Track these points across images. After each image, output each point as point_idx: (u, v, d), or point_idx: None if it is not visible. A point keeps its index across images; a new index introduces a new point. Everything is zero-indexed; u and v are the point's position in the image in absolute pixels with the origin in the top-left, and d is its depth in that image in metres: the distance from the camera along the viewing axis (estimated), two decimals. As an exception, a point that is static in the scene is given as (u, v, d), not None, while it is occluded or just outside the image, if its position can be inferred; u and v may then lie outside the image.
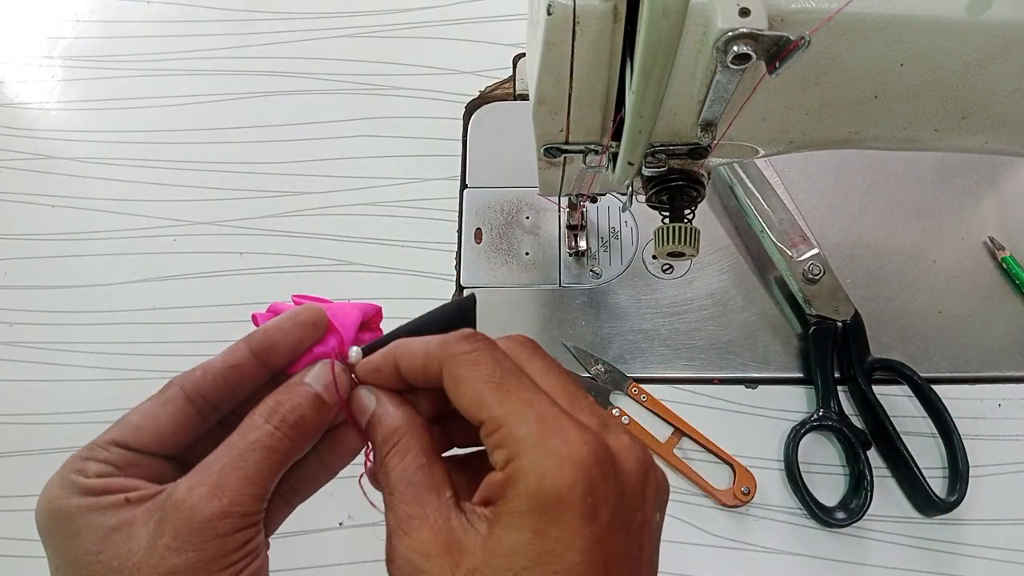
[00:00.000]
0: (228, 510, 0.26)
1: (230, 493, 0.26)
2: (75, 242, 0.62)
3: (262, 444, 0.27)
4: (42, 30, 0.71)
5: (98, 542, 0.26)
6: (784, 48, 0.30)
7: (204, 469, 0.27)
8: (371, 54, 0.68)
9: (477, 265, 0.59)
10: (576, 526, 0.24)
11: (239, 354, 0.29)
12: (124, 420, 0.29)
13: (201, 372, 0.29)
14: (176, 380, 0.29)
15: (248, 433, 0.28)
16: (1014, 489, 0.51)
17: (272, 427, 0.28)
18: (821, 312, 0.55)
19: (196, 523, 0.26)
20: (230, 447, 0.27)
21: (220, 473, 0.27)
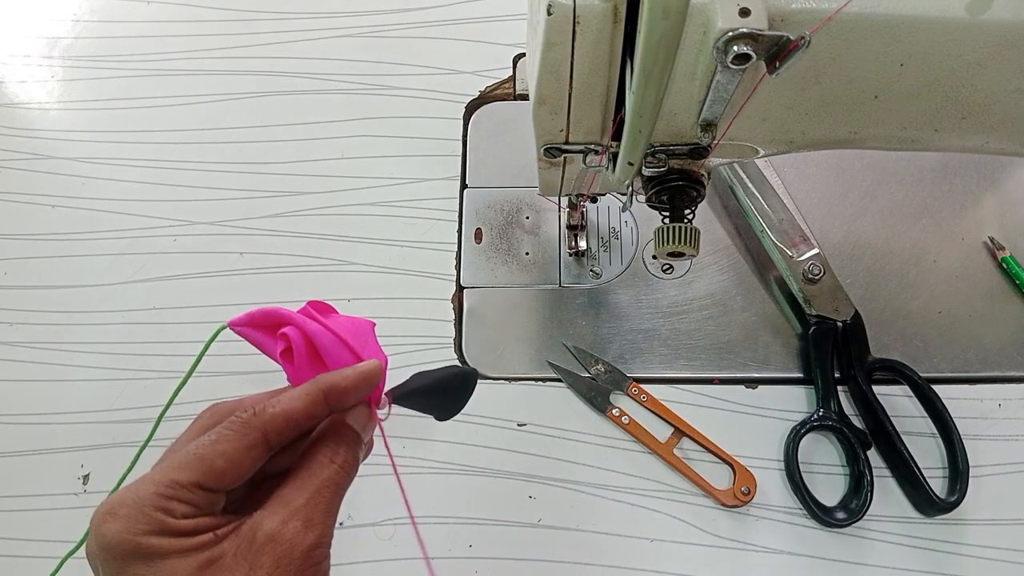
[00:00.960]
0: (320, 540, 0.30)
1: (319, 526, 0.30)
2: (75, 242, 0.62)
3: (332, 481, 0.31)
4: (42, 30, 0.71)
5: (193, 574, 0.28)
6: (784, 48, 0.30)
7: (288, 504, 0.30)
8: (371, 54, 0.68)
9: (477, 265, 0.59)
10: None
11: (319, 408, 0.32)
12: (207, 461, 0.30)
13: (283, 419, 0.31)
14: (258, 424, 0.31)
15: (320, 471, 0.31)
16: (1014, 489, 0.51)
17: (338, 467, 0.31)
18: (821, 312, 0.55)
19: (297, 554, 0.29)
20: (306, 483, 0.31)
21: (307, 508, 0.30)
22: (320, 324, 0.33)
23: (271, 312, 0.33)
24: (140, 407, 0.56)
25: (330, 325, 0.33)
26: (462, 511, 0.52)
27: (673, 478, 0.52)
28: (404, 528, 0.52)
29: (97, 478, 0.55)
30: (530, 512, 0.52)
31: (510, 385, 0.56)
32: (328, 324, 0.33)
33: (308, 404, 0.31)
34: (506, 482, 0.53)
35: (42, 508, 0.54)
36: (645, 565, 0.50)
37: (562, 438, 0.54)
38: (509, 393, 0.55)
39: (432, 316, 0.58)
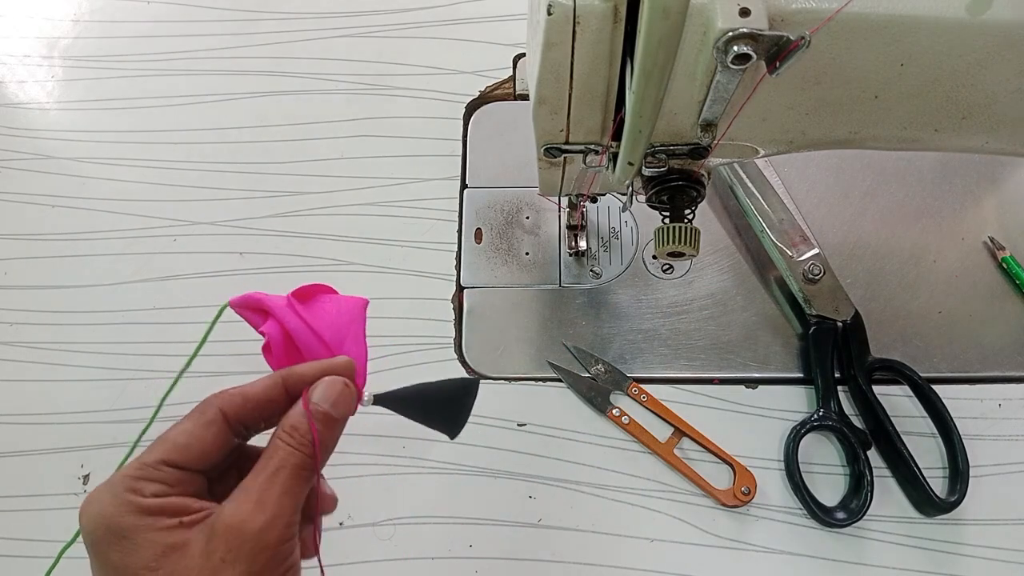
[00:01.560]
0: (272, 522, 0.29)
1: (271, 507, 0.29)
2: (75, 242, 0.62)
3: (288, 463, 0.31)
4: (42, 30, 0.71)
5: (157, 559, 0.29)
6: (784, 48, 0.30)
7: (244, 490, 0.30)
8: (371, 54, 0.68)
9: (477, 265, 0.59)
10: None
11: (276, 390, 0.32)
12: (169, 439, 0.31)
13: (241, 400, 0.32)
14: (216, 402, 0.32)
15: (275, 454, 0.31)
16: (1014, 489, 0.51)
17: (294, 448, 0.31)
18: (821, 312, 0.55)
19: (247, 536, 0.29)
20: (261, 468, 0.31)
21: (259, 491, 0.30)
22: (300, 319, 0.33)
23: (256, 299, 0.34)
24: (140, 407, 0.56)
25: (310, 319, 0.33)
26: (462, 511, 0.52)
27: (673, 478, 0.52)
28: (404, 528, 0.52)
29: (97, 478, 0.55)
30: (530, 512, 0.52)
31: (510, 385, 0.56)
32: (308, 318, 0.33)
33: (266, 386, 0.32)
34: (506, 482, 0.53)
35: (42, 508, 0.54)
36: (645, 565, 0.50)
37: (562, 438, 0.54)
38: (509, 393, 0.55)
39: (432, 316, 0.58)
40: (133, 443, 0.37)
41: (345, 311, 0.35)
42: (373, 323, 0.57)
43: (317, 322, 0.34)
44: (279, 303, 0.34)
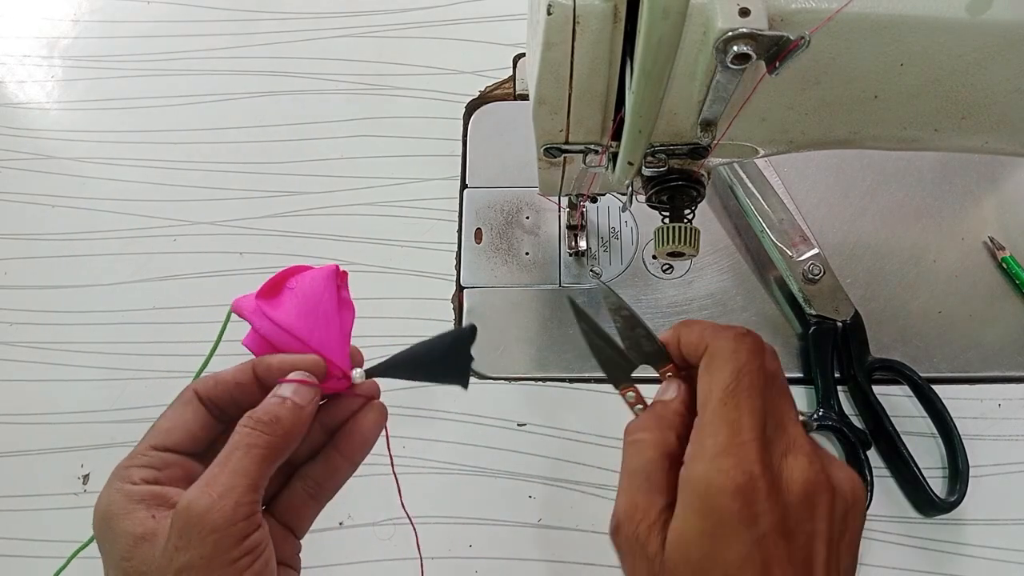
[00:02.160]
0: (218, 503, 0.28)
1: (219, 487, 0.29)
2: (75, 242, 0.62)
3: (242, 443, 0.30)
4: (42, 30, 0.71)
5: (130, 548, 0.29)
6: (784, 48, 0.30)
7: (203, 476, 0.30)
8: (371, 54, 0.68)
9: (477, 265, 0.59)
10: (735, 530, 0.27)
11: (246, 375, 0.33)
12: (154, 428, 0.33)
13: (213, 382, 0.33)
14: (192, 385, 0.33)
15: (232, 439, 0.31)
16: (1014, 489, 0.51)
17: (249, 428, 0.31)
18: (821, 312, 0.55)
19: (193, 519, 0.28)
20: (220, 455, 0.31)
21: (209, 474, 0.30)
22: (269, 322, 0.34)
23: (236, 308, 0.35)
24: (140, 407, 0.56)
25: (278, 318, 0.34)
26: (462, 511, 0.52)
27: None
28: (404, 528, 0.52)
29: (97, 478, 0.55)
30: (530, 512, 0.52)
31: (510, 385, 0.56)
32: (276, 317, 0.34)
33: (236, 370, 0.33)
34: (506, 482, 0.53)
35: (42, 508, 0.54)
36: (645, 565, 0.50)
37: (562, 438, 0.54)
38: (509, 393, 0.55)
39: (432, 316, 0.58)
40: None
41: (311, 293, 0.35)
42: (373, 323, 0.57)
43: (285, 318, 0.34)
44: (249, 306, 0.35)
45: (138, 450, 0.32)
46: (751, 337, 0.31)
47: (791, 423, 0.30)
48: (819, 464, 0.29)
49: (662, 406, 0.33)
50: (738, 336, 0.31)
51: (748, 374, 0.30)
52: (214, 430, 0.33)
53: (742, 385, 0.29)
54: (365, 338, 0.37)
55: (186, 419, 0.32)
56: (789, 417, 0.30)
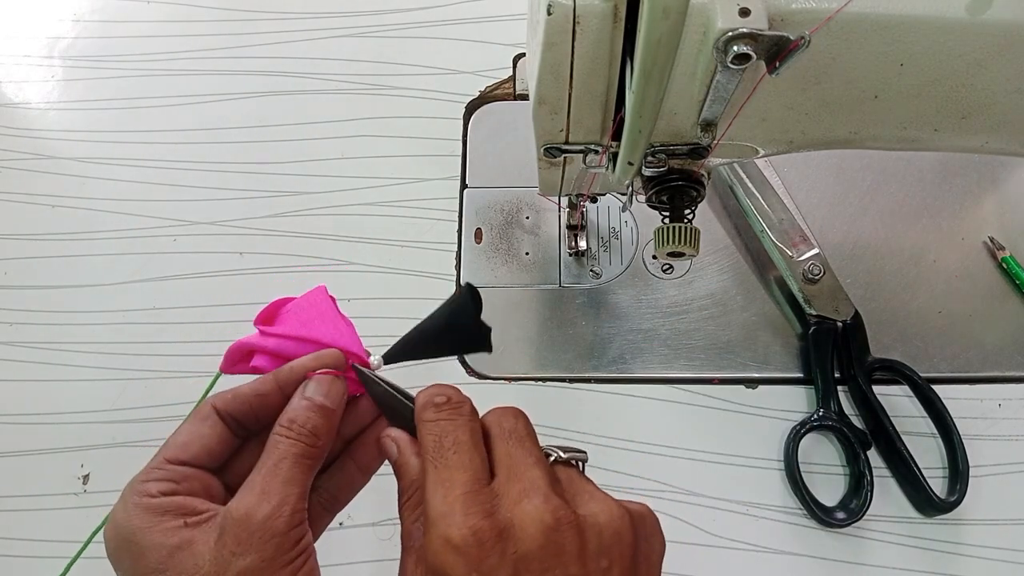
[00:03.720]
0: (277, 510, 0.29)
1: (275, 495, 0.30)
2: (75, 242, 0.62)
3: (289, 452, 0.31)
4: (42, 30, 0.71)
5: (163, 560, 0.29)
6: (784, 48, 0.30)
7: (248, 484, 0.30)
8: (371, 54, 0.68)
9: (477, 265, 0.59)
10: None
11: (267, 385, 0.33)
12: (170, 442, 0.32)
13: (231, 395, 0.33)
14: (209, 400, 0.33)
15: (275, 448, 0.31)
16: (1014, 489, 0.51)
17: (293, 439, 0.31)
18: (821, 312, 0.55)
19: (254, 526, 0.29)
20: (263, 463, 0.31)
21: (262, 482, 0.30)
22: (275, 337, 0.34)
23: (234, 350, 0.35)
24: (140, 407, 0.56)
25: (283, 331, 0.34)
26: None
27: (673, 478, 0.52)
28: (404, 528, 0.52)
29: (97, 478, 0.55)
30: (530, 512, 0.52)
31: (510, 385, 0.56)
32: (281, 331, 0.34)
33: (256, 383, 0.33)
34: (506, 482, 0.53)
35: (42, 508, 0.54)
36: (645, 565, 0.50)
37: (562, 438, 0.54)
38: (509, 393, 0.55)
39: (432, 316, 0.58)
40: None
41: (307, 306, 0.35)
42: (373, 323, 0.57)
43: (291, 329, 0.34)
44: (246, 339, 0.35)
45: (153, 464, 0.32)
46: (449, 405, 0.31)
47: (528, 468, 0.29)
48: (556, 502, 0.28)
49: None
50: (437, 406, 0.31)
51: (451, 434, 0.30)
52: (231, 445, 0.33)
53: (444, 446, 0.30)
54: (365, 338, 0.37)
55: (203, 434, 0.32)
56: (525, 463, 0.29)
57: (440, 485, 0.29)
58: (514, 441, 0.30)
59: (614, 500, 0.29)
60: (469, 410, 0.32)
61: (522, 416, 0.32)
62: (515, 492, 0.28)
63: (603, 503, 0.29)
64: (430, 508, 0.28)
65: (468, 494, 0.28)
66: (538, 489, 0.28)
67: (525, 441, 0.31)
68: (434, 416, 0.31)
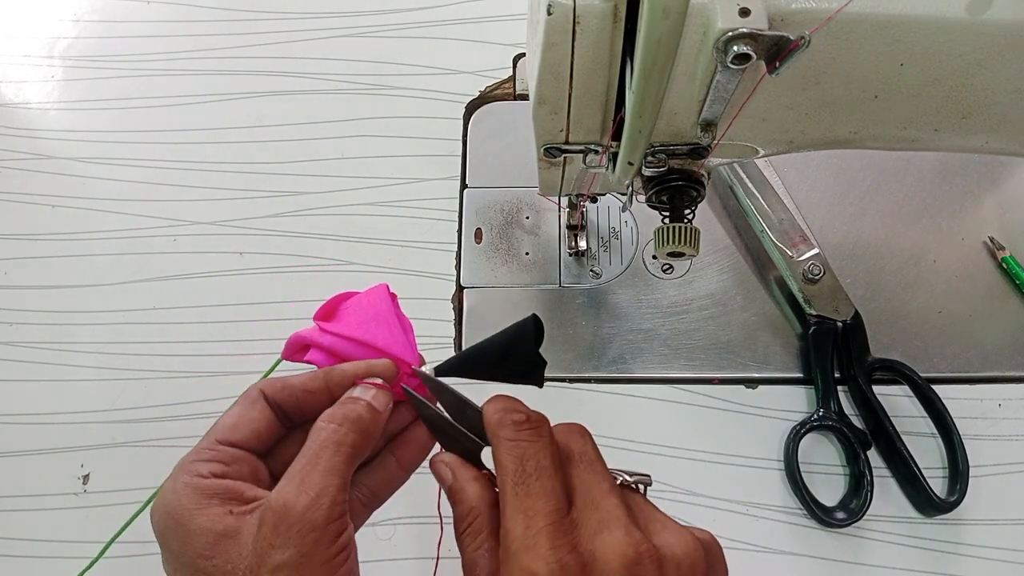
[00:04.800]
0: (316, 501, 0.29)
1: (314, 486, 0.29)
2: (75, 242, 0.62)
3: (330, 440, 0.31)
4: (42, 30, 0.71)
5: (210, 547, 0.29)
6: (784, 48, 0.30)
7: (288, 475, 0.30)
8: (371, 54, 0.68)
9: (477, 265, 0.59)
10: None
11: (317, 383, 0.33)
12: (220, 424, 0.32)
13: (282, 385, 0.33)
14: (259, 384, 0.33)
15: (316, 437, 0.31)
16: (1014, 489, 0.51)
17: (335, 425, 0.31)
18: (821, 312, 0.55)
19: (292, 518, 0.28)
20: (303, 452, 0.31)
21: (302, 472, 0.30)
22: (332, 335, 0.34)
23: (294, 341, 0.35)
24: (140, 407, 0.56)
25: (340, 331, 0.34)
26: (462, 511, 0.52)
27: (673, 478, 0.52)
28: (404, 528, 0.52)
29: (97, 478, 0.55)
30: (530, 512, 0.52)
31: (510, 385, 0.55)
32: (338, 331, 0.34)
33: (307, 377, 0.33)
34: (506, 482, 0.53)
35: (42, 508, 0.54)
36: (645, 565, 0.50)
37: (562, 438, 0.54)
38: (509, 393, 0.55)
39: (432, 316, 0.58)
40: None
41: (367, 306, 0.36)
42: (373, 323, 0.56)
43: (347, 329, 0.35)
44: (305, 332, 0.35)
45: (203, 444, 0.32)
46: (529, 424, 0.30)
47: (604, 496, 0.29)
48: (637, 535, 0.28)
49: None
50: (516, 424, 0.30)
51: (532, 457, 0.29)
52: (278, 432, 0.33)
53: (527, 470, 0.29)
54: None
55: (252, 417, 0.32)
56: (600, 490, 0.29)
57: (523, 514, 0.28)
58: (586, 464, 0.30)
59: (687, 530, 0.29)
60: (548, 431, 0.31)
61: (588, 436, 0.32)
62: (594, 522, 0.28)
63: (677, 534, 0.29)
64: (511, 538, 0.27)
65: (552, 525, 0.27)
66: (618, 520, 0.28)
67: (596, 465, 0.30)
68: (513, 435, 0.30)
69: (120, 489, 0.54)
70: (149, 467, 0.32)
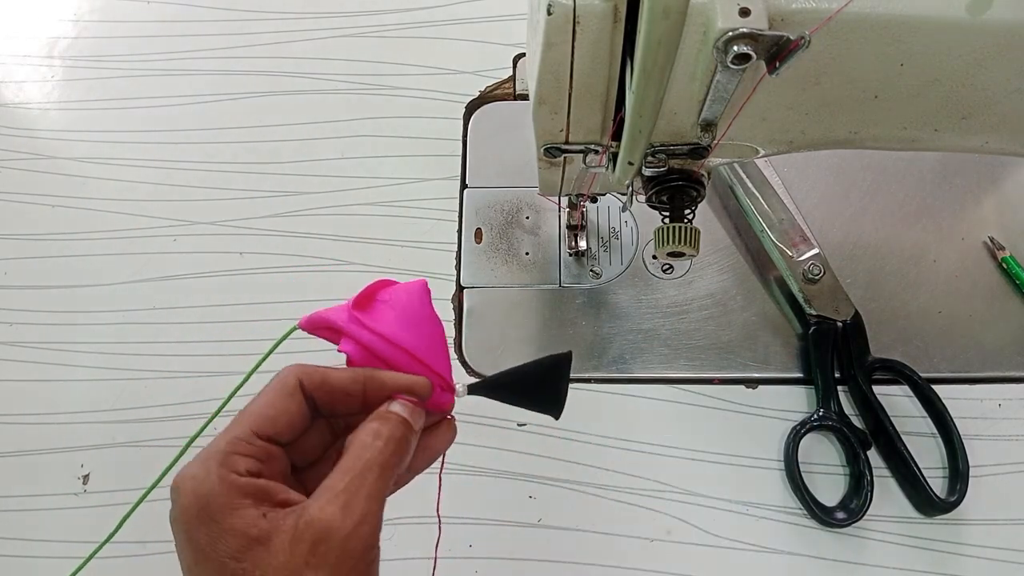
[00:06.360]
0: (358, 529, 0.28)
1: (358, 512, 0.29)
2: (75, 242, 0.62)
3: (376, 462, 0.30)
4: (42, 30, 0.71)
5: (242, 550, 0.28)
6: (784, 48, 0.30)
7: (330, 490, 0.29)
8: (371, 54, 0.68)
9: (477, 265, 0.59)
10: None
11: (356, 387, 0.32)
12: (255, 412, 0.31)
13: (320, 380, 0.32)
14: (296, 371, 0.32)
15: (362, 453, 0.30)
16: (1014, 489, 0.51)
17: (382, 444, 0.31)
18: (821, 312, 0.55)
19: (334, 542, 0.28)
20: (348, 468, 0.30)
21: (347, 492, 0.29)
22: (371, 333, 0.33)
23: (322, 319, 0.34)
24: (140, 407, 0.56)
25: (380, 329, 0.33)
26: (462, 511, 0.52)
27: (673, 478, 0.52)
28: (404, 528, 0.52)
29: (97, 478, 0.55)
30: (530, 512, 0.52)
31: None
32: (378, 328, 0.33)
33: (348, 377, 0.32)
34: (506, 482, 0.53)
35: (42, 508, 0.54)
36: (645, 565, 0.50)
37: (562, 438, 0.54)
38: (509, 393, 0.55)
39: (432, 316, 0.58)
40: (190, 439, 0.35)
41: (409, 306, 0.35)
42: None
43: (388, 330, 0.34)
44: (342, 316, 0.34)
45: (240, 434, 0.30)
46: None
47: None
48: None
49: None
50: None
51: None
52: (307, 425, 0.33)
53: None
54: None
55: (291, 410, 0.31)
56: None
57: None
58: None
59: None
60: None
61: None
62: None
63: None
64: None
65: None
66: None
67: None
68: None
69: (120, 489, 0.54)
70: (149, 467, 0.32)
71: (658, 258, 0.42)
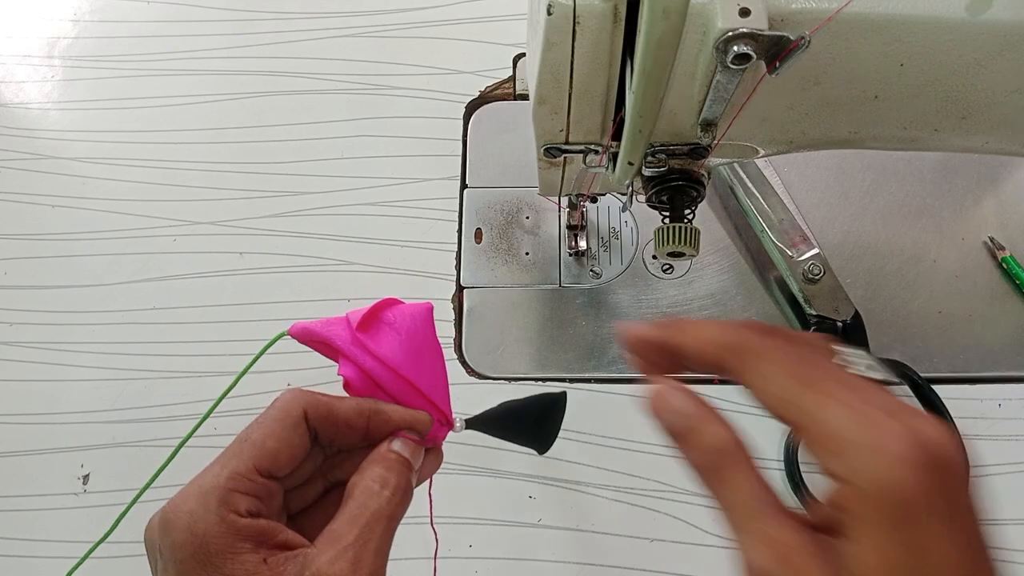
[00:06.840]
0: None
1: (367, 567, 0.28)
2: (75, 242, 0.62)
3: (384, 513, 0.29)
4: (42, 30, 0.71)
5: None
6: (784, 48, 0.30)
7: (337, 541, 0.28)
8: (371, 54, 0.68)
9: (477, 265, 0.59)
10: (941, 530, 0.22)
11: (360, 420, 0.32)
12: (257, 444, 0.30)
13: (326, 411, 0.31)
14: (301, 402, 0.31)
15: (369, 502, 0.29)
16: (1014, 489, 0.51)
17: (389, 494, 0.30)
18: (821, 312, 0.55)
19: None
20: (355, 518, 0.29)
21: (355, 547, 0.28)
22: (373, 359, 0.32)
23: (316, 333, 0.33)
24: (140, 407, 0.56)
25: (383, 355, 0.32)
26: (462, 511, 0.52)
27: (673, 478, 0.52)
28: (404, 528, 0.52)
29: (97, 478, 0.55)
30: (530, 512, 0.52)
31: (510, 385, 0.56)
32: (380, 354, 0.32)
33: (354, 411, 0.31)
34: (506, 482, 0.53)
35: (42, 508, 0.54)
36: (645, 565, 0.50)
37: (562, 438, 0.54)
38: (509, 393, 0.55)
39: (432, 316, 0.58)
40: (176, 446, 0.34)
41: (414, 332, 0.34)
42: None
43: (391, 356, 0.33)
44: (342, 336, 0.33)
45: (242, 470, 0.29)
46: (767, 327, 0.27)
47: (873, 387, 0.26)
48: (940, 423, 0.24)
49: None
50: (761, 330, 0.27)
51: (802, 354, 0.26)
52: (305, 456, 0.32)
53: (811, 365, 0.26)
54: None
55: (293, 444, 0.30)
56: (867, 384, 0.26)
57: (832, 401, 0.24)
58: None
59: None
60: None
61: None
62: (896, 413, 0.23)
63: None
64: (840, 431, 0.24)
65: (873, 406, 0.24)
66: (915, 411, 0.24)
67: None
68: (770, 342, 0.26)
69: (120, 489, 0.54)
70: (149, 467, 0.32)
71: (658, 258, 0.42)
